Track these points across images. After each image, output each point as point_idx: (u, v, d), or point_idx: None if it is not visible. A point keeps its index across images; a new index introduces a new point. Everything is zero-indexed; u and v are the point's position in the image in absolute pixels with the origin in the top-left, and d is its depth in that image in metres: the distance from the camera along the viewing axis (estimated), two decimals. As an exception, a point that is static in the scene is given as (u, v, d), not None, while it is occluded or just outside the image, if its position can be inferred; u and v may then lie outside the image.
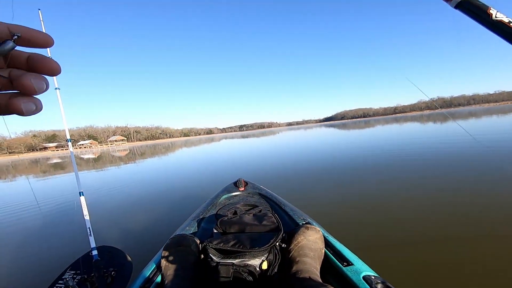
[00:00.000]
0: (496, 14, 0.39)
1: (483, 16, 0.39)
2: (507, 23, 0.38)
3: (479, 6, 0.40)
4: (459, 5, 0.42)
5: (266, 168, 7.20)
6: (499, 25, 0.38)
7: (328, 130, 30.72)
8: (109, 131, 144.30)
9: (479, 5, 0.40)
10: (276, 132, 54.18)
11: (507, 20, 0.38)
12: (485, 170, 4.18)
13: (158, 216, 3.77)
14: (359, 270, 0.97)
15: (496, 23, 0.38)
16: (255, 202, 1.87)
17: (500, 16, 0.38)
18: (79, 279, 1.53)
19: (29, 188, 8.59)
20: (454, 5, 0.43)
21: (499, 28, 0.38)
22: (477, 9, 0.40)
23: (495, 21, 0.38)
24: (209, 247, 1.03)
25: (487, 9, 0.39)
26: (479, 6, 0.40)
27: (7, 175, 15.03)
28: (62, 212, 4.58)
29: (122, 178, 8.66)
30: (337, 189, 4.20)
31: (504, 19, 0.38)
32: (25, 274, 2.45)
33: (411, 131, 14.70)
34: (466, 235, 2.25)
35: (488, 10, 0.39)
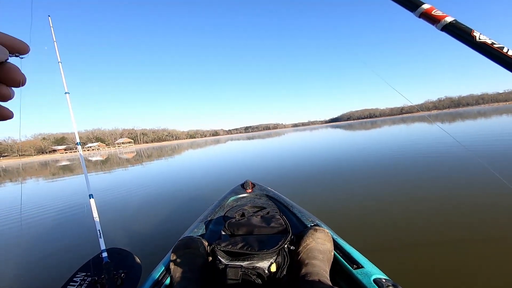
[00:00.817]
0: (480, 36, 0.41)
1: (467, 38, 0.42)
2: (490, 44, 0.40)
3: (463, 29, 0.43)
4: (445, 28, 0.45)
5: (273, 169, 7.19)
6: (483, 46, 0.41)
7: (334, 131, 30.53)
8: (116, 133, 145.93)
9: (463, 28, 0.43)
10: (282, 134, 54.06)
11: (490, 41, 0.40)
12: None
13: (166, 218, 3.79)
14: (369, 273, 0.96)
15: (480, 44, 0.41)
16: (263, 204, 1.86)
17: (483, 38, 0.41)
18: (89, 281, 1.55)
19: (40, 191, 8.73)
20: (440, 28, 0.45)
21: (483, 49, 0.41)
22: (462, 31, 0.43)
23: (479, 43, 0.41)
24: (218, 249, 1.03)
25: (471, 31, 0.42)
26: (463, 29, 0.43)
27: (17, 177, 15.31)
28: (72, 214, 4.65)
29: (130, 180, 8.74)
30: (345, 190, 4.17)
31: (487, 40, 0.40)
32: (37, 275, 2.49)
33: (420, 131, 14.51)
34: (478, 237, 2.21)
35: (472, 33, 0.42)
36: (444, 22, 0.45)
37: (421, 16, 0.48)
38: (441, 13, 0.46)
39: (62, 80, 1.99)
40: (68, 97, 2.00)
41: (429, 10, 0.47)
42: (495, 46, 0.40)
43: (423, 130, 15.64)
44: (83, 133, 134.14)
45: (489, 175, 3.89)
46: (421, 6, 0.47)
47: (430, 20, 0.47)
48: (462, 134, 9.81)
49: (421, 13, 0.47)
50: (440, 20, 0.45)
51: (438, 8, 0.46)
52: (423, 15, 0.47)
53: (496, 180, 3.57)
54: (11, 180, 13.62)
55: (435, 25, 0.46)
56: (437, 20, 0.46)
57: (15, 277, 2.54)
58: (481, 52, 0.41)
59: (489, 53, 0.40)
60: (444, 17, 0.45)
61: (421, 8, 0.47)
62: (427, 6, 0.47)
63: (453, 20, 0.45)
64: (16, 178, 15.00)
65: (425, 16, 0.47)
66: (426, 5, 0.47)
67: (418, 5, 0.48)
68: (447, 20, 0.45)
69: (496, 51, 0.40)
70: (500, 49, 0.39)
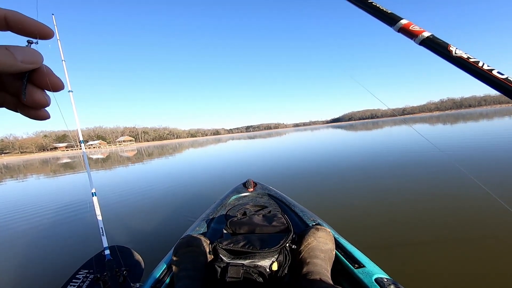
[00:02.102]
0: (456, 50, 0.43)
1: (444, 52, 0.44)
2: (466, 58, 0.42)
3: (440, 43, 0.45)
4: (423, 42, 0.46)
5: (274, 169, 7.19)
6: (459, 60, 0.42)
7: (336, 131, 30.49)
8: (117, 131, 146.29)
9: (440, 43, 0.45)
10: (283, 133, 54.03)
11: (465, 56, 0.42)
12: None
13: (168, 216, 3.80)
14: (371, 272, 0.96)
15: (456, 58, 0.42)
16: (265, 203, 1.87)
17: (459, 52, 0.42)
18: (92, 278, 1.56)
19: (42, 188, 8.76)
20: (418, 42, 0.47)
21: (459, 63, 0.42)
22: (439, 46, 0.44)
23: (456, 57, 0.42)
24: (219, 247, 1.03)
25: (447, 46, 0.44)
26: (440, 43, 0.44)
27: (19, 174, 15.36)
28: (74, 212, 4.66)
29: (132, 178, 8.76)
30: (347, 190, 4.17)
31: (463, 55, 0.42)
32: (39, 273, 2.50)
33: (425, 132, 14.46)
34: (479, 237, 2.21)
35: (448, 47, 0.43)
36: (421, 37, 0.46)
37: (400, 30, 0.49)
38: (419, 28, 0.48)
39: (66, 78, 2.00)
40: (71, 95, 2.01)
41: (407, 25, 0.49)
42: (470, 60, 0.41)
43: (426, 130, 15.61)
44: (84, 131, 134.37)
45: (486, 177, 3.88)
46: (400, 21, 0.49)
47: (408, 34, 0.49)
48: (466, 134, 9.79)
49: (400, 28, 0.49)
50: (418, 35, 0.47)
51: (415, 23, 0.48)
52: (401, 29, 0.49)
53: (495, 180, 3.58)
54: (13, 177, 13.67)
55: (414, 39, 0.48)
56: (415, 35, 0.47)
57: (18, 274, 2.56)
58: (458, 66, 0.42)
59: (466, 67, 0.42)
60: (422, 32, 0.47)
61: (399, 23, 0.49)
62: (405, 22, 0.49)
63: (430, 35, 0.46)
64: (18, 175, 15.04)
65: (403, 31, 0.49)
66: (404, 20, 0.49)
67: (396, 20, 0.50)
68: (425, 35, 0.46)
69: (472, 65, 0.41)
70: (476, 63, 0.41)
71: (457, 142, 8.17)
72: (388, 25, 0.51)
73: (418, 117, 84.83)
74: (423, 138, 1.61)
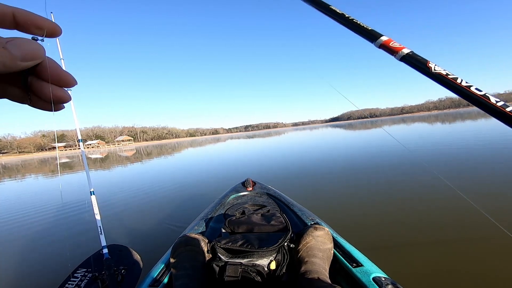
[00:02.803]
0: (435, 67, 0.44)
1: (424, 68, 0.45)
2: (444, 75, 0.43)
3: (419, 60, 0.46)
4: (403, 59, 0.47)
5: (273, 168, 7.19)
6: (438, 77, 0.43)
7: (335, 131, 30.53)
8: (116, 131, 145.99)
9: (419, 59, 0.46)
10: (282, 133, 54.07)
11: (444, 72, 0.43)
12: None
13: (167, 215, 3.80)
14: (368, 271, 0.96)
15: (435, 74, 0.43)
16: (263, 202, 1.87)
17: (438, 69, 0.44)
18: (90, 277, 1.56)
19: (41, 187, 8.75)
20: (399, 58, 0.48)
21: (438, 79, 0.43)
22: (418, 62, 0.46)
23: (435, 73, 0.44)
24: (218, 246, 1.03)
25: (427, 62, 0.45)
26: (419, 60, 0.46)
27: (17, 174, 15.32)
28: (73, 211, 4.65)
29: (130, 177, 8.75)
30: (345, 190, 4.18)
31: (442, 71, 0.43)
32: (37, 271, 2.50)
33: (420, 131, 14.51)
34: (478, 236, 2.22)
35: (428, 64, 0.45)
36: (402, 53, 0.48)
37: (381, 47, 0.51)
38: (398, 45, 0.49)
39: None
40: (70, 94, 2.00)
41: (387, 42, 0.50)
42: (449, 77, 0.42)
43: (422, 130, 15.65)
44: (83, 131, 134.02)
45: (480, 178, 3.90)
46: (380, 38, 0.50)
47: (389, 51, 0.50)
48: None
49: (380, 44, 0.50)
50: (398, 51, 0.48)
51: (395, 40, 0.50)
52: (382, 46, 0.50)
53: (494, 181, 3.59)
54: (11, 177, 13.63)
55: (394, 55, 0.49)
56: (395, 51, 0.49)
57: (16, 273, 2.55)
58: (438, 82, 0.44)
59: (445, 83, 0.43)
60: (402, 48, 0.48)
61: (380, 40, 0.50)
62: (385, 38, 0.50)
63: (410, 52, 0.47)
64: (16, 175, 15.00)
65: (384, 47, 0.50)
66: (385, 37, 0.50)
67: (377, 37, 0.51)
68: (404, 51, 0.48)
69: (450, 81, 0.42)
70: (454, 79, 0.42)
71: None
72: (369, 41, 0.52)
73: (417, 116, 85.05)
74: (396, 140, 1.65)
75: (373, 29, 0.53)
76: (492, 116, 0.38)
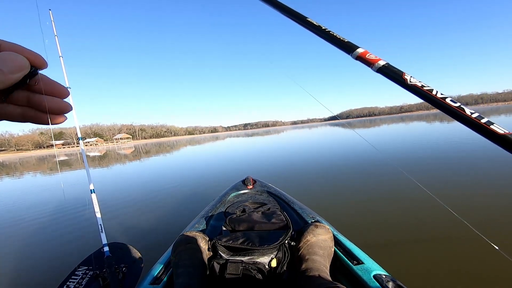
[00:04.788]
0: (410, 79, 0.45)
1: (399, 80, 0.46)
2: (419, 86, 0.44)
3: (395, 71, 0.47)
4: (380, 70, 0.48)
5: (273, 166, 7.20)
6: (413, 88, 0.44)
7: (334, 129, 30.54)
8: (114, 129, 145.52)
9: (395, 71, 0.47)
10: (281, 131, 54.05)
11: (419, 84, 0.44)
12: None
13: (167, 213, 3.81)
14: (369, 269, 0.96)
15: (411, 86, 0.44)
16: (264, 200, 1.87)
17: (413, 80, 0.45)
18: (91, 275, 1.56)
19: (41, 186, 8.72)
20: (376, 70, 0.49)
21: (414, 90, 0.44)
22: (394, 74, 0.46)
23: (410, 85, 0.44)
24: (218, 244, 1.03)
25: (402, 74, 0.46)
26: (395, 71, 0.47)
27: (15, 172, 15.27)
28: (73, 209, 4.64)
29: (130, 176, 8.75)
30: (346, 188, 4.20)
31: (417, 83, 0.44)
32: (39, 269, 2.51)
33: (418, 130, 14.55)
34: (477, 235, 2.23)
35: (403, 76, 0.46)
36: (378, 65, 0.48)
37: (357, 58, 0.51)
38: (375, 57, 0.50)
39: (64, 75, 1.98)
40: (69, 91, 1.99)
41: (363, 53, 0.51)
42: (425, 88, 0.43)
43: (421, 131, 15.69)
44: (81, 128, 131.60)
45: (476, 178, 3.92)
46: (356, 50, 0.51)
47: (365, 62, 0.50)
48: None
49: (357, 56, 0.51)
50: (374, 63, 0.49)
51: (371, 52, 0.51)
52: (358, 58, 0.51)
53: (490, 181, 3.61)
54: (9, 174, 13.58)
55: (371, 67, 0.49)
56: (372, 63, 0.49)
57: (17, 270, 2.56)
58: (414, 93, 0.44)
59: (420, 94, 0.43)
60: (378, 60, 0.49)
61: (356, 51, 0.51)
62: (361, 50, 0.51)
63: (385, 63, 0.48)
64: (14, 172, 14.94)
65: (360, 59, 0.51)
66: (361, 49, 0.51)
67: (353, 48, 0.52)
68: (380, 63, 0.48)
69: (426, 93, 0.43)
70: (430, 91, 0.43)
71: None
72: (346, 53, 0.53)
73: (415, 115, 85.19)
74: (367, 141, 1.66)
75: (349, 41, 0.53)
76: (467, 127, 0.38)
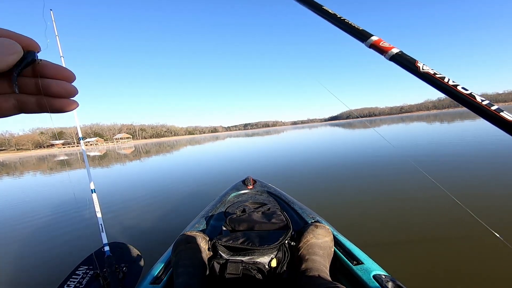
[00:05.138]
0: (423, 66, 0.45)
1: (412, 68, 0.46)
2: (432, 74, 0.44)
3: (408, 59, 0.47)
4: (392, 58, 0.48)
5: (274, 166, 7.20)
6: (426, 76, 0.44)
7: (334, 129, 30.54)
8: (115, 128, 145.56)
9: (408, 59, 0.47)
10: (281, 131, 54.05)
11: (432, 71, 0.44)
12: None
13: (168, 213, 3.81)
14: (369, 269, 0.97)
15: (423, 74, 0.44)
16: (264, 200, 1.87)
17: (426, 68, 0.44)
18: (91, 274, 1.56)
19: (41, 185, 8.73)
20: (388, 58, 0.49)
21: (426, 78, 0.44)
22: (407, 62, 0.47)
23: (423, 73, 0.44)
24: (219, 244, 1.03)
25: (415, 62, 0.46)
26: (408, 59, 0.47)
27: (15, 171, 15.27)
28: (74, 208, 4.64)
29: (129, 176, 8.74)
30: (346, 188, 4.20)
31: (430, 70, 0.44)
32: (39, 269, 2.51)
33: (422, 130, 14.54)
34: (477, 235, 2.23)
35: (416, 63, 0.45)
36: (391, 53, 0.48)
37: (371, 46, 0.51)
38: (388, 45, 0.50)
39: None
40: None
41: (377, 41, 0.51)
42: (437, 76, 0.43)
43: (420, 131, 15.68)
44: (81, 128, 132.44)
45: (478, 178, 3.92)
46: (370, 38, 0.51)
47: (378, 50, 0.51)
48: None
49: (371, 44, 0.51)
50: (387, 51, 0.49)
51: (385, 40, 0.51)
52: (372, 46, 0.51)
53: (494, 181, 3.61)
54: (9, 174, 13.58)
55: (384, 55, 0.50)
56: (385, 51, 0.49)
57: (17, 270, 2.56)
58: (426, 81, 0.44)
59: (432, 82, 0.43)
60: (391, 48, 0.49)
61: (370, 40, 0.51)
62: (375, 38, 0.51)
63: (399, 51, 0.48)
64: (14, 172, 14.95)
65: (374, 47, 0.51)
66: (375, 37, 0.51)
67: (367, 36, 0.52)
68: (394, 51, 0.48)
69: (438, 80, 0.43)
70: (442, 79, 0.43)
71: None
72: (360, 41, 0.53)
73: (415, 115, 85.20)
74: (385, 139, 1.65)
75: (364, 29, 0.53)
76: (477, 115, 0.38)
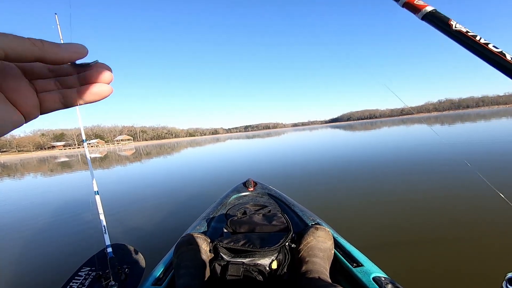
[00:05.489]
0: (456, 25, 0.44)
1: (444, 27, 0.45)
2: (464, 32, 0.43)
3: (441, 18, 0.46)
4: (425, 17, 0.47)
5: (274, 168, 7.20)
6: (458, 35, 0.43)
7: (335, 131, 30.53)
8: (115, 130, 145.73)
9: (441, 17, 0.46)
10: (282, 133, 54.02)
11: (464, 30, 0.43)
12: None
13: (169, 215, 3.82)
14: (369, 271, 0.97)
15: (455, 32, 0.43)
16: (265, 202, 1.88)
17: (459, 26, 0.43)
18: (94, 276, 1.57)
19: (44, 187, 8.74)
20: (421, 17, 0.48)
21: (458, 37, 0.43)
22: (440, 20, 0.46)
23: (455, 31, 0.43)
24: (220, 246, 1.04)
25: (448, 20, 0.45)
26: (441, 18, 0.46)
27: (16, 173, 15.30)
28: (76, 210, 4.66)
29: (131, 177, 8.75)
30: (346, 190, 4.20)
31: (462, 29, 0.43)
32: (42, 270, 2.52)
33: (418, 134, 14.53)
34: (477, 236, 2.24)
35: (449, 22, 0.45)
36: (424, 11, 0.47)
37: (404, 5, 0.51)
38: (422, 3, 0.49)
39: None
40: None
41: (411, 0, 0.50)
42: (469, 34, 0.42)
43: (420, 132, 15.66)
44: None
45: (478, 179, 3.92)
46: None
47: (412, 9, 0.50)
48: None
49: (404, 3, 0.50)
50: (421, 9, 0.48)
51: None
52: (406, 4, 0.50)
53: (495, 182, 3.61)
54: (10, 175, 13.61)
55: (417, 14, 0.49)
56: (418, 9, 0.48)
57: (20, 271, 2.56)
58: (456, 40, 0.44)
59: (463, 41, 0.43)
60: (425, 6, 0.48)
61: None
62: None
63: (433, 10, 0.47)
64: (15, 173, 14.98)
65: (407, 5, 0.50)
66: None
67: None
68: (428, 9, 0.47)
69: (469, 39, 0.42)
70: (473, 37, 0.42)
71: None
72: (394, 0, 0.52)
73: (416, 118, 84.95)
74: (439, 136, 1.63)
75: None
76: (506, 76, 0.37)
